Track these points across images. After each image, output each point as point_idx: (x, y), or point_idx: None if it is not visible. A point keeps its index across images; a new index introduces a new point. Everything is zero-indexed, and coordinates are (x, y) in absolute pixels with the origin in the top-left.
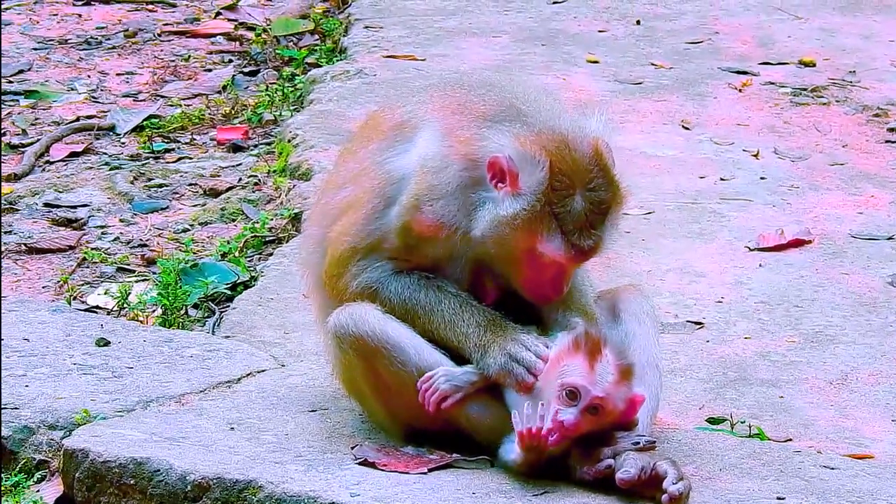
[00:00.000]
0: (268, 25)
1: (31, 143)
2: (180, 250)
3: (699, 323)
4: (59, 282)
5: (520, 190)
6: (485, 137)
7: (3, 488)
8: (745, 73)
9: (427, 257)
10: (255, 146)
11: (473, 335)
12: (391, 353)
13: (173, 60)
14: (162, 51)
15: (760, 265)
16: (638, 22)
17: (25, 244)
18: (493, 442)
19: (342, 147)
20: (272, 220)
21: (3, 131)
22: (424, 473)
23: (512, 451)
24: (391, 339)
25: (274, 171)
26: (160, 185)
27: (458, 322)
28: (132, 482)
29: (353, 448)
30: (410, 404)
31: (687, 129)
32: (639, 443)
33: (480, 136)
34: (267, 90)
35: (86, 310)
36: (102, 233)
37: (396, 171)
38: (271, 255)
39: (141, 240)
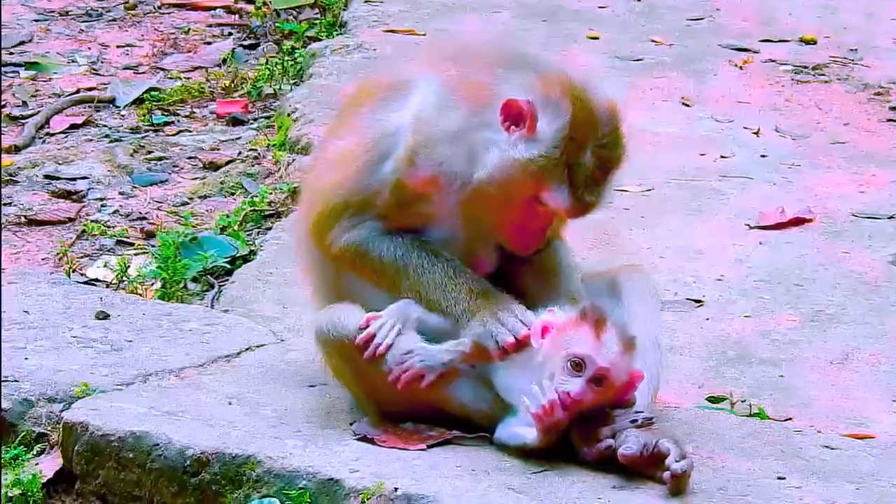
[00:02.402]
0: None
1: (32, 115)
2: (179, 223)
3: (699, 301)
4: (58, 254)
5: (535, 135)
6: (501, 80)
7: (2, 461)
8: (745, 50)
9: (420, 216)
10: (255, 120)
11: (463, 300)
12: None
13: (173, 33)
14: (162, 23)
15: (761, 243)
16: None
17: (25, 216)
18: (487, 425)
19: (333, 117)
20: (271, 193)
21: (3, 103)
22: (423, 450)
23: (523, 434)
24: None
25: (273, 145)
26: (160, 158)
27: (450, 286)
28: (131, 456)
29: (351, 424)
30: (400, 398)
31: (687, 106)
32: (637, 420)
33: (494, 78)
34: (267, 64)
35: (85, 282)
36: (102, 205)
37: (391, 123)
38: (270, 229)
39: (140, 213)
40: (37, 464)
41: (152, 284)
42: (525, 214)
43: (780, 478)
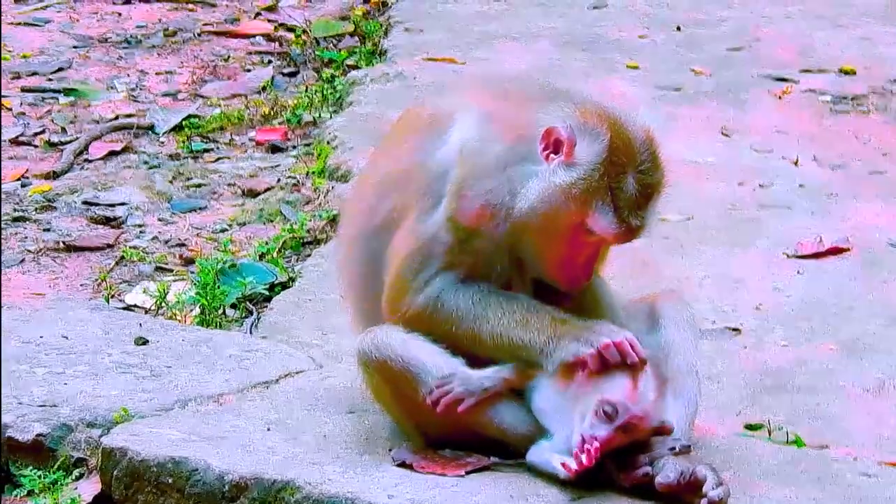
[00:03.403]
0: (307, 27)
1: (70, 141)
2: (218, 250)
3: (737, 329)
4: (97, 280)
5: (574, 160)
6: (539, 110)
7: (41, 485)
8: (785, 80)
9: (478, 254)
10: (294, 147)
11: (548, 328)
12: (415, 376)
13: (213, 60)
14: (202, 50)
15: (798, 272)
16: (678, 28)
17: (64, 242)
18: (526, 447)
19: (376, 146)
20: (310, 221)
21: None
22: (462, 476)
23: (555, 466)
24: (413, 360)
25: (313, 173)
26: (199, 185)
27: (533, 320)
28: (170, 481)
29: (390, 451)
30: (439, 421)
31: (726, 135)
32: (675, 448)
33: (533, 110)
34: (306, 91)
35: (124, 308)
36: (141, 231)
37: (438, 164)
38: (309, 256)
39: (179, 239)
40: (76, 489)
41: (191, 310)
42: (572, 245)
43: None
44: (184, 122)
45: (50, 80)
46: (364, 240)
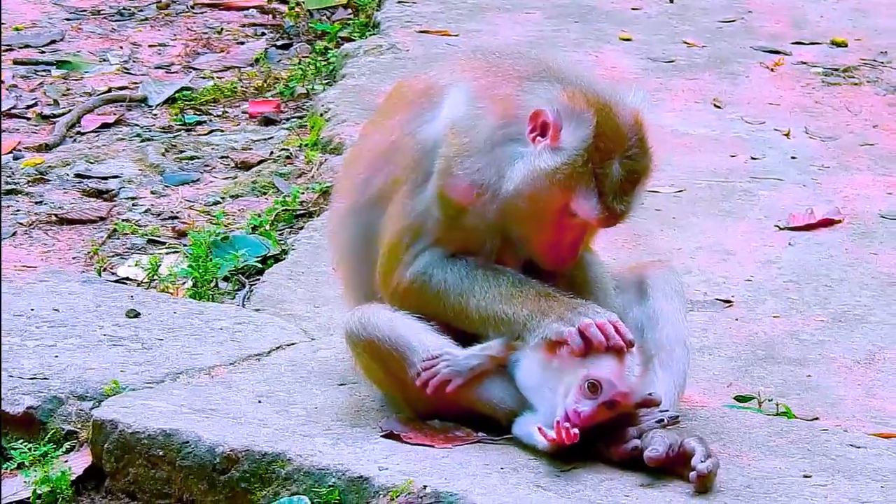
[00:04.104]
0: None
1: (63, 114)
2: (211, 223)
3: (728, 301)
4: (89, 253)
5: (560, 144)
6: (528, 91)
7: (31, 458)
8: (777, 52)
9: (467, 231)
10: (287, 120)
11: (532, 303)
12: (403, 354)
13: (206, 33)
14: (195, 23)
15: (790, 244)
16: (671, 0)
17: (56, 215)
18: (514, 420)
19: (368, 118)
20: (303, 193)
21: (16, 103)
22: (449, 448)
23: (537, 437)
24: (400, 340)
25: (305, 145)
26: (191, 158)
27: (517, 294)
28: (161, 454)
29: (380, 422)
30: (428, 398)
31: (719, 107)
32: (663, 419)
33: (522, 90)
34: (299, 64)
35: (116, 281)
36: (133, 204)
37: (428, 139)
38: (302, 228)
39: (172, 212)
40: (66, 461)
41: (183, 283)
42: (557, 227)
43: (805, 476)
44: (177, 95)
45: (42, 52)
46: (356, 213)
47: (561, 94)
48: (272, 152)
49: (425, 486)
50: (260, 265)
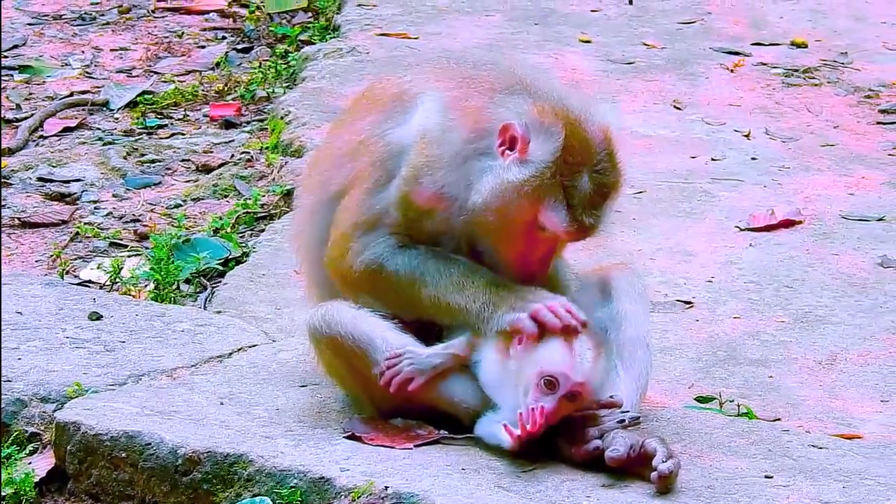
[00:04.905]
0: (261, 2)
1: (25, 118)
2: (173, 226)
3: (689, 302)
4: (51, 256)
5: (528, 157)
6: (499, 105)
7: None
8: (737, 53)
9: (426, 233)
10: (248, 123)
11: (484, 294)
12: (365, 352)
13: (167, 37)
14: (156, 27)
15: (751, 245)
16: (630, 2)
17: (19, 218)
18: (477, 420)
19: (336, 118)
20: (264, 196)
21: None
22: (410, 449)
23: (500, 437)
24: (363, 337)
25: (266, 148)
26: (153, 161)
27: (468, 285)
28: (123, 455)
29: (342, 423)
30: (390, 395)
31: (678, 108)
32: (623, 420)
33: (492, 104)
34: (260, 67)
35: (78, 284)
36: (95, 208)
37: (396, 142)
38: (263, 231)
39: (134, 215)
40: (29, 463)
41: (145, 286)
42: (527, 241)
43: (767, 476)
44: (138, 99)
45: (5, 56)
46: (319, 209)
47: (531, 108)
48: (233, 155)
49: (387, 487)
50: (221, 267)
